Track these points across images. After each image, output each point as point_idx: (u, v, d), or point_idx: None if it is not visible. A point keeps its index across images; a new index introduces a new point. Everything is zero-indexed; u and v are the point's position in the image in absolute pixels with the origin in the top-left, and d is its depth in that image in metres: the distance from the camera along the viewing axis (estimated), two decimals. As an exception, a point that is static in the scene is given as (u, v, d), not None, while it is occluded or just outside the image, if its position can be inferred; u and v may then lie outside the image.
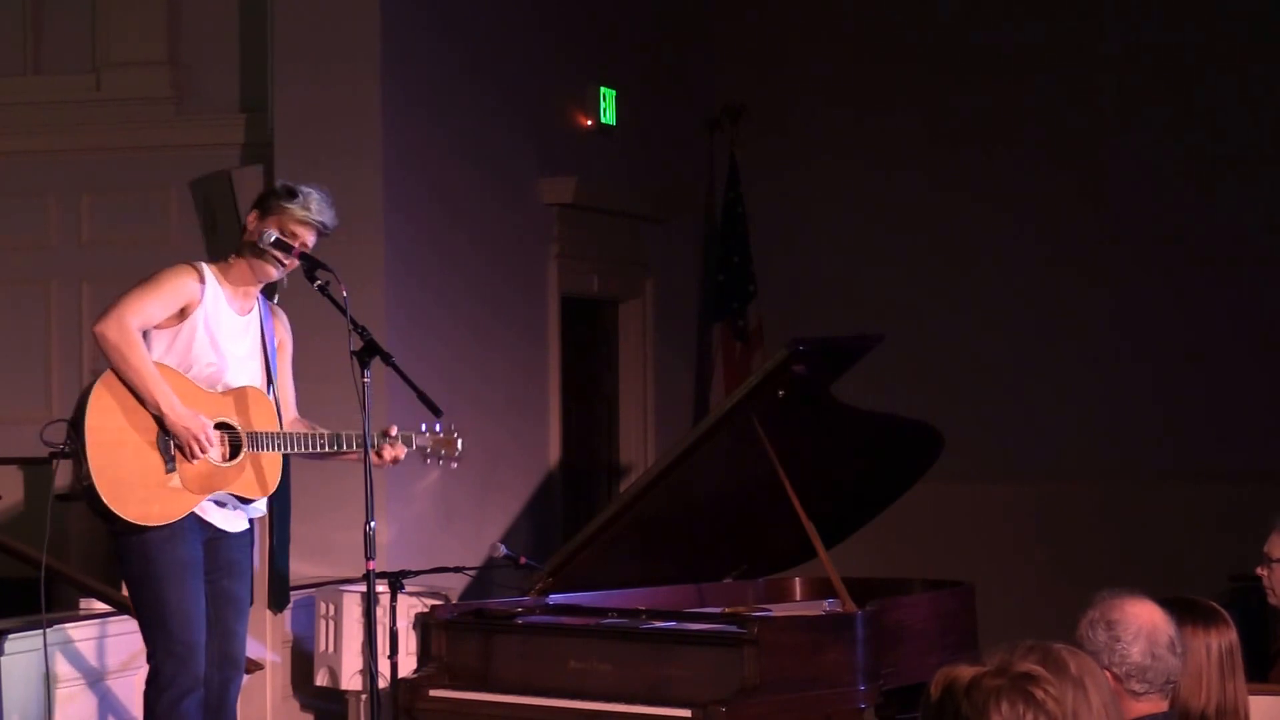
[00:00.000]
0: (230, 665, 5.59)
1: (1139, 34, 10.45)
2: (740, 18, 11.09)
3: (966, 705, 2.68)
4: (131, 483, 5.33)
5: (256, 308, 5.64)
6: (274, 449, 5.53)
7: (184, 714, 5.40)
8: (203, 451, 5.36)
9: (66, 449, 5.34)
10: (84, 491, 5.33)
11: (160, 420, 5.33)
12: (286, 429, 5.60)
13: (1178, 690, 3.88)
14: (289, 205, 5.50)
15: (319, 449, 5.58)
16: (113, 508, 5.30)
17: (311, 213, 5.51)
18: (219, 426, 5.43)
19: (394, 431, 5.68)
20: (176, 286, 5.44)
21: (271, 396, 5.62)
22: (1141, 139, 10.40)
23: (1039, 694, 2.67)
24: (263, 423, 5.53)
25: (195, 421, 5.34)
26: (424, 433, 5.79)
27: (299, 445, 5.57)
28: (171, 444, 5.35)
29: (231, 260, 5.58)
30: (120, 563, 5.52)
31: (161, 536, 5.36)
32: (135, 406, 5.34)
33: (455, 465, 5.89)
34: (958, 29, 10.72)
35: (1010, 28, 10.65)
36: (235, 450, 5.46)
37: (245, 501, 5.55)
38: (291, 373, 5.75)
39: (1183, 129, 10.35)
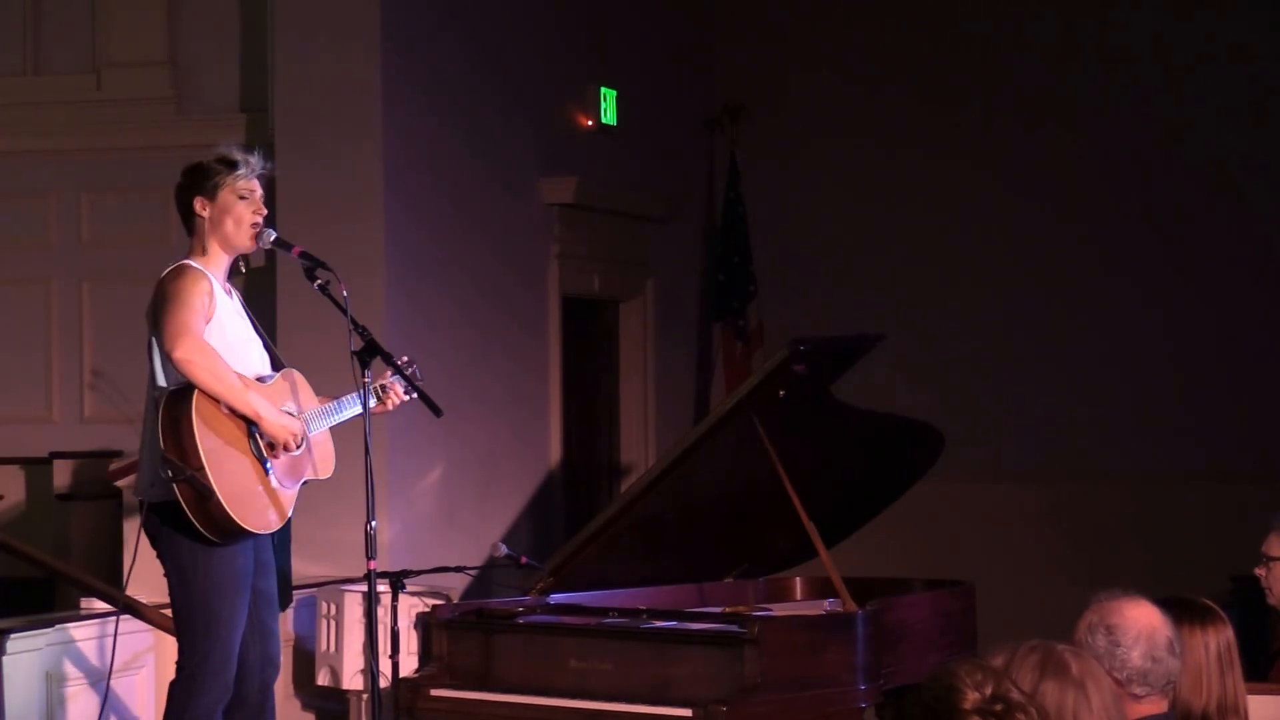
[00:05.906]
0: (270, 665, 5.61)
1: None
2: (740, 17, 11.09)
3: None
4: (249, 495, 5.32)
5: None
6: (327, 423, 5.55)
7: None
8: (296, 445, 5.38)
9: (176, 474, 5.20)
10: (205, 506, 5.22)
11: (250, 424, 5.31)
12: None
13: (1179, 690, 3.89)
14: (238, 174, 5.46)
15: (355, 411, 5.56)
16: (244, 524, 5.27)
17: (255, 167, 5.50)
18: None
19: (389, 376, 5.67)
20: (199, 292, 5.37)
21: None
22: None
23: None
24: (309, 401, 5.56)
25: (289, 419, 5.38)
26: (406, 361, 5.69)
27: (340, 414, 5.56)
28: (263, 444, 5.34)
29: (208, 254, 5.50)
30: (172, 564, 5.41)
31: (227, 548, 5.35)
32: (222, 417, 5.28)
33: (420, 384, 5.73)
34: (959, 29, 10.70)
35: (1014, 27, 10.64)
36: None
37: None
38: None
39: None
